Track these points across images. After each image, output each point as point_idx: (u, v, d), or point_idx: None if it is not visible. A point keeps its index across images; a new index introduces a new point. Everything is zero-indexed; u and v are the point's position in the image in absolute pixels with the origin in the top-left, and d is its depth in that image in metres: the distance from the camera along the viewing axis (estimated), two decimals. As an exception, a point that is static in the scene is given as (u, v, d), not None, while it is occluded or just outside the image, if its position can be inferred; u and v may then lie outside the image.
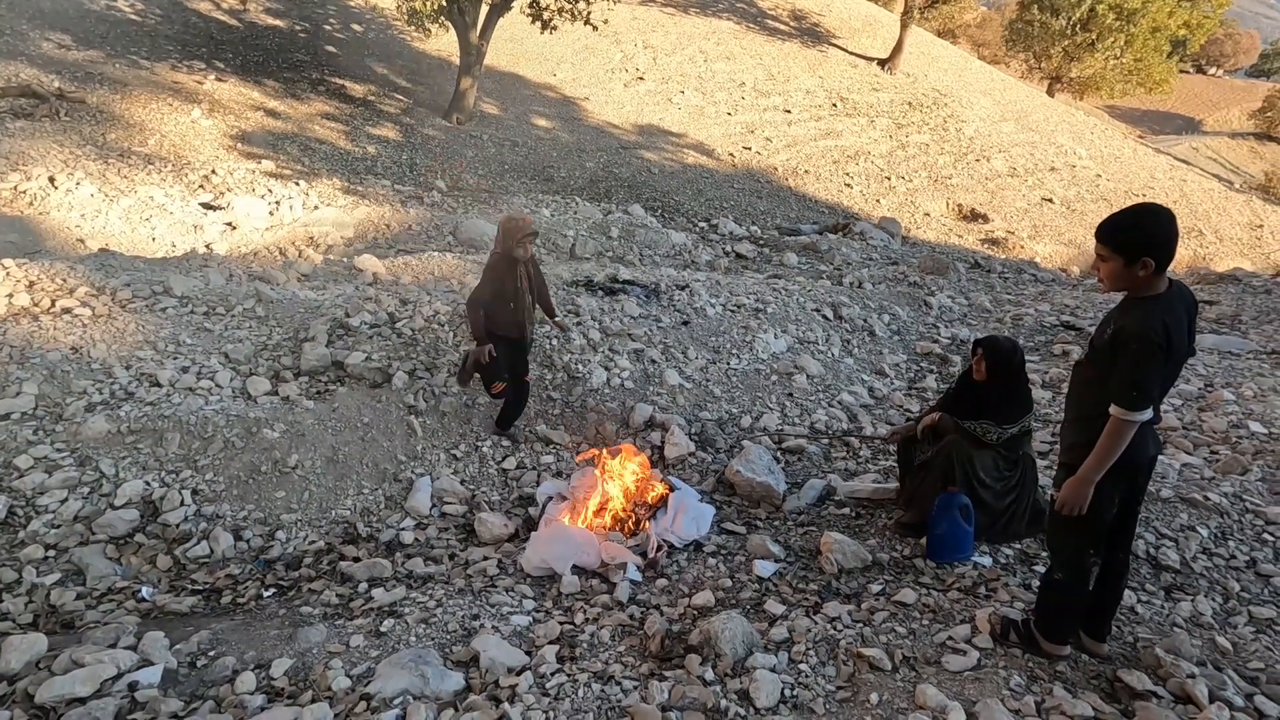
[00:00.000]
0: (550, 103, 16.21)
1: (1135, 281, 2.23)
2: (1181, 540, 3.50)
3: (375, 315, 5.20)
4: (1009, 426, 3.44)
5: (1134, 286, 2.25)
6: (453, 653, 2.72)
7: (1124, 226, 2.21)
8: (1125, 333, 2.21)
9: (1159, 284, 2.23)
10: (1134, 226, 2.20)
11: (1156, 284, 2.22)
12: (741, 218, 12.86)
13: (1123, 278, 2.23)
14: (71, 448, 3.64)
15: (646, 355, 5.47)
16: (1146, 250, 2.16)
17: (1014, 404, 3.47)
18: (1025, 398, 3.53)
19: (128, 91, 11.85)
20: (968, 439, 3.48)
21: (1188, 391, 5.40)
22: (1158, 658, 2.60)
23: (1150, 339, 2.15)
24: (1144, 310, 2.21)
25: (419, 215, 9.35)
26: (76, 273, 5.24)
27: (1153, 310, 2.19)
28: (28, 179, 8.65)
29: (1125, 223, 2.22)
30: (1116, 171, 19.03)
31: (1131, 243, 2.18)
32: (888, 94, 19.64)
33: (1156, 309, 2.19)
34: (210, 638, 2.73)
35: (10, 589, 3.04)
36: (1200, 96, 44.99)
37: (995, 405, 3.48)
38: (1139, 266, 2.18)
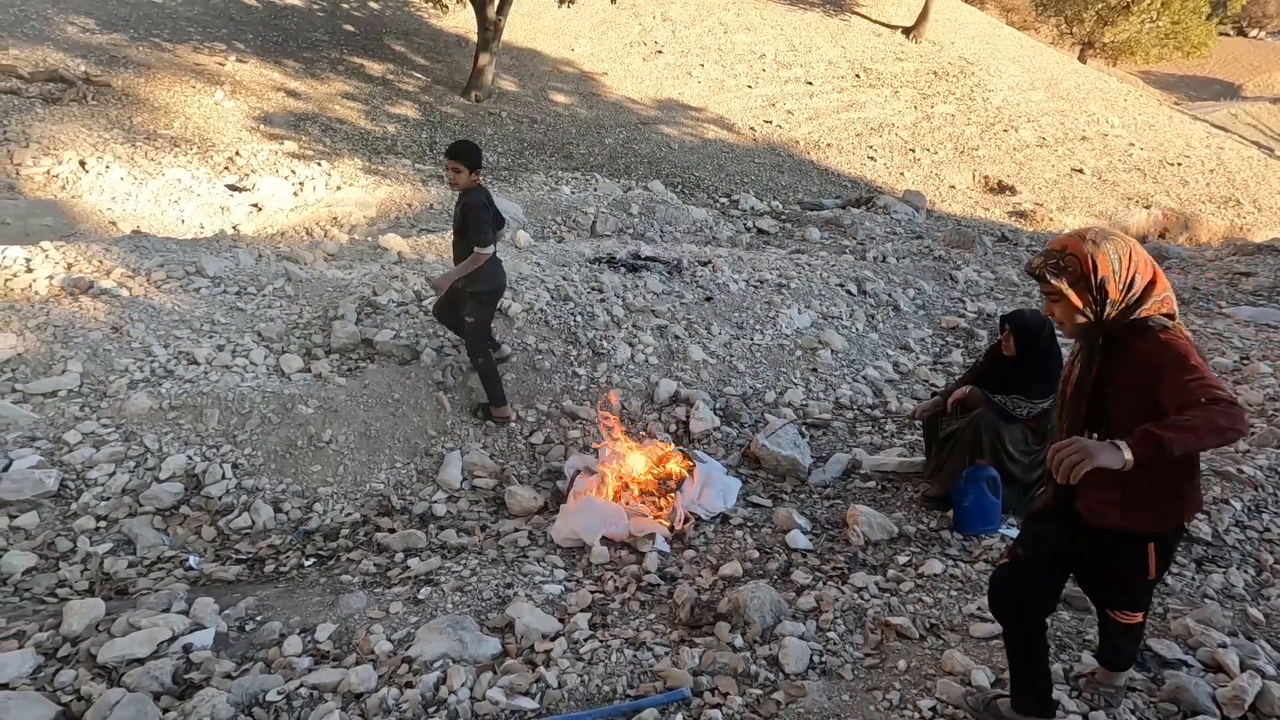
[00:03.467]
0: (568, 78, 16.09)
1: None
2: (1214, 513, 3.47)
3: (402, 293, 5.27)
4: (1039, 401, 3.43)
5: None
6: (488, 619, 2.80)
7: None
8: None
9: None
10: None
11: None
12: (763, 193, 12.72)
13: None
14: (116, 423, 3.77)
15: (670, 331, 5.49)
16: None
17: (1043, 378, 3.45)
18: (1055, 371, 3.50)
19: (152, 74, 11.96)
20: (996, 412, 3.47)
21: (1223, 365, 5.30)
22: (1188, 627, 2.60)
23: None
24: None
25: (440, 194, 9.39)
26: (112, 254, 5.36)
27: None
28: (59, 163, 8.81)
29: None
30: (1150, 140, 18.50)
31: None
32: (912, 63, 19.20)
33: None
34: (256, 603, 2.84)
35: (66, 557, 3.17)
36: (1240, 60, 43.34)
37: (1024, 380, 3.47)
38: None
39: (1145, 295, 1.71)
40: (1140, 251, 1.73)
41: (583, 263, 6.38)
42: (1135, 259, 1.71)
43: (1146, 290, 1.71)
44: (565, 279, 5.75)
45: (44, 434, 3.65)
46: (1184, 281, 7.82)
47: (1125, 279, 1.70)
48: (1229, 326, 6.17)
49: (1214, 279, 7.97)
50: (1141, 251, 1.73)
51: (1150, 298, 1.71)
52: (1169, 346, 1.66)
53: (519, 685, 2.39)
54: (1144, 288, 1.71)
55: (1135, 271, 1.70)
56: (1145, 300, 1.72)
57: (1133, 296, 1.71)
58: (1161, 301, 1.72)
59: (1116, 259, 1.69)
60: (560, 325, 5.19)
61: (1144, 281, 1.71)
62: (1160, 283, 1.72)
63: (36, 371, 3.95)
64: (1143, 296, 1.71)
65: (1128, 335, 1.73)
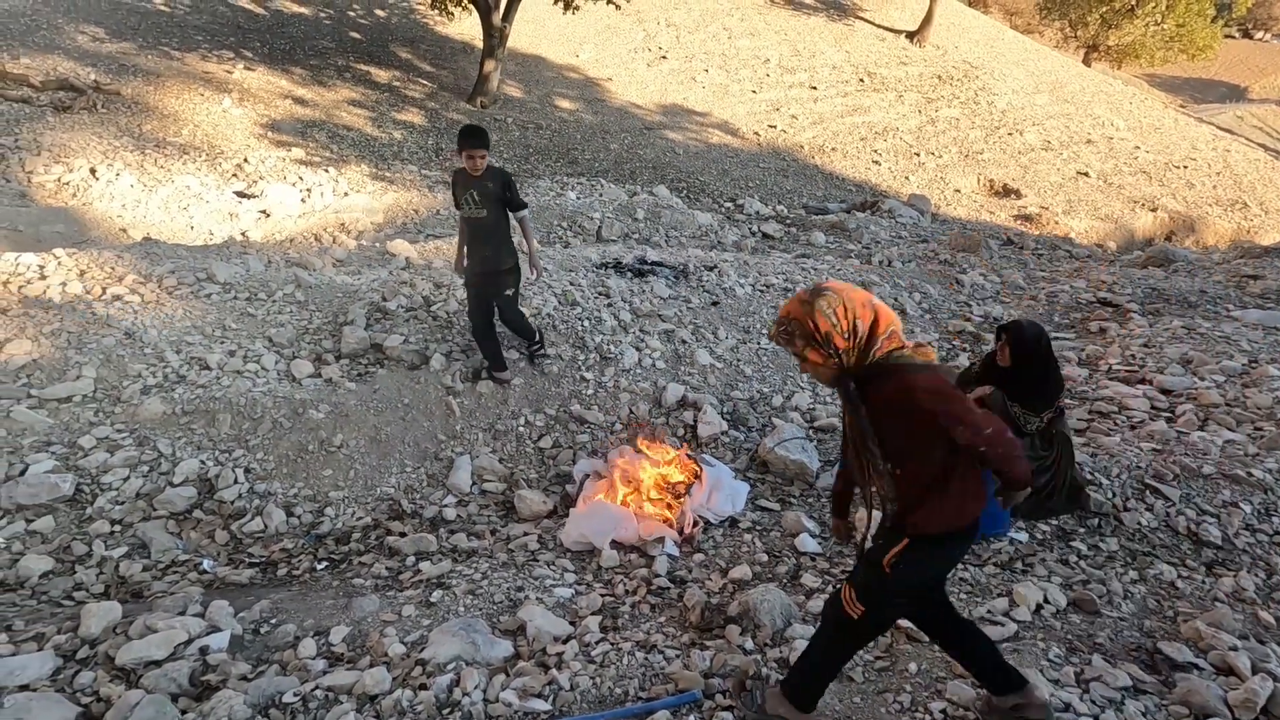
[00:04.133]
0: (573, 84, 16.16)
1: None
2: (1224, 516, 3.47)
3: (410, 299, 5.30)
4: (1045, 412, 3.41)
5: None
6: (500, 622, 2.82)
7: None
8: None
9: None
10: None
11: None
12: (768, 197, 12.76)
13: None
14: (130, 428, 3.80)
15: (677, 336, 5.51)
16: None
17: (1040, 390, 3.41)
18: (1055, 381, 3.48)
19: (160, 82, 12.07)
20: (1008, 421, 3.46)
21: (1231, 368, 5.29)
22: (1198, 630, 2.61)
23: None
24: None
25: (446, 199, 9.44)
26: (124, 261, 5.41)
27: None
28: (70, 170, 8.90)
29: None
30: (1156, 143, 18.48)
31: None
32: (916, 67, 19.24)
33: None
34: (270, 607, 2.86)
35: (82, 561, 3.21)
36: (1246, 62, 43.25)
37: (1024, 392, 3.43)
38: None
39: (873, 335, 1.81)
40: (855, 297, 1.82)
41: (589, 268, 6.41)
42: (851, 306, 1.80)
43: (872, 331, 1.81)
44: (572, 284, 5.78)
45: (59, 439, 3.69)
46: (1191, 284, 7.81)
47: (847, 328, 1.80)
48: (1237, 330, 6.16)
49: (1221, 282, 7.95)
50: (857, 296, 1.82)
51: (878, 336, 1.81)
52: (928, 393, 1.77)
53: (531, 687, 2.41)
54: (868, 330, 1.80)
55: (855, 318, 1.80)
56: (875, 340, 1.81)
57: (861, 341, 1.80)
58: (889, 337, 1.82)
59: (832, 312, 1.79)
60: (568, 330, 5.21)
61: (865, 325, 1.80)
62: (883, 320, 1.82)
63: (51, 377, 3.99)
64: (871, 337, 1.81)
65: (876, 378, 1.83)
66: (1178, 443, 4.16)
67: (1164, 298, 7.37)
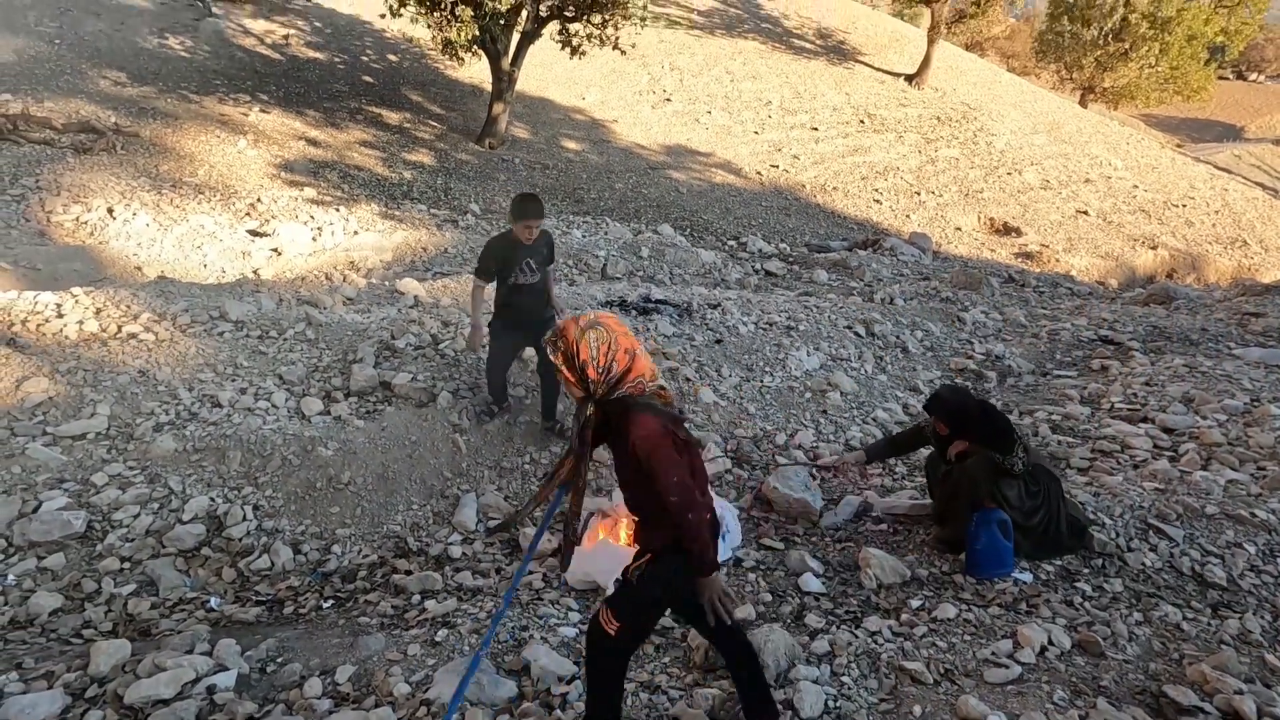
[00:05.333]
0: (579, 125, 16.54)
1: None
2: (1228, 557, 3.47)
3: (419, 337, 5.39)
4: (1019, 449, 3.44)
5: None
6: (505, 662, 2.83)
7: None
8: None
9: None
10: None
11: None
12: (770, 235, 12.94)
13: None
14: (142, 465, 3.86)
15: (681, 373, 5.57)
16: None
17: (998, 432, 3.46)
18: (1002, 420, 3.52)
19: (178, 124, 12.41)
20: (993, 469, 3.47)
21: (1233, 406, 5.32)
22: (1204, 673, 2.60)
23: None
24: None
25: (454, 238, 9.63)
26: (139, 299, 5.53)
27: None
28: (88, 210, 9.13)
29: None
30: (1154, 182, 18.73)
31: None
32: (916, 109, 19.63)
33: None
34: (277, 645, 2.88)
35: (91, 598, 3.24)
36: (1241, 103, 44.00)
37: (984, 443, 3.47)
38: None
39: (623, 379, 2.00)
40: (621, 342, 2.00)
41: (595, 306, 6.52)
42: (615, 349, 1.99)
43: (624, 375, 1.99)
44: (578, 322, 5.87)
45: (72, 476, 3.75)
46: (1192, 322, 7.86)
47: (604, 365, 1.98)
48: (1239, 368, 6.19)
49: (1223, 320, 8.00)
50: (623, 342, 2.00)
51: (627, 381, 2.00)
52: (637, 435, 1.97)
53: (536, 729, 2.41)
54: (621, 373, 1.99)
55: (613, 359, 1.98)
56: (624, 383, 2.00)
57: (612, 379, 1.99)
58: (635, 385, 2.01)
59: (597, 347, 1.98)
60: (573, 368, 5.28)
61: (619, 369, 1.99)
62: (636, 369, 2.00)
63: (66, 414, 4.06)
64: (621, 381, 1.99)
65: (615, 410, 2.02)
66: (1180, 482, 4.17)
67: (1165, 335, 7.42)
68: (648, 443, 1.96)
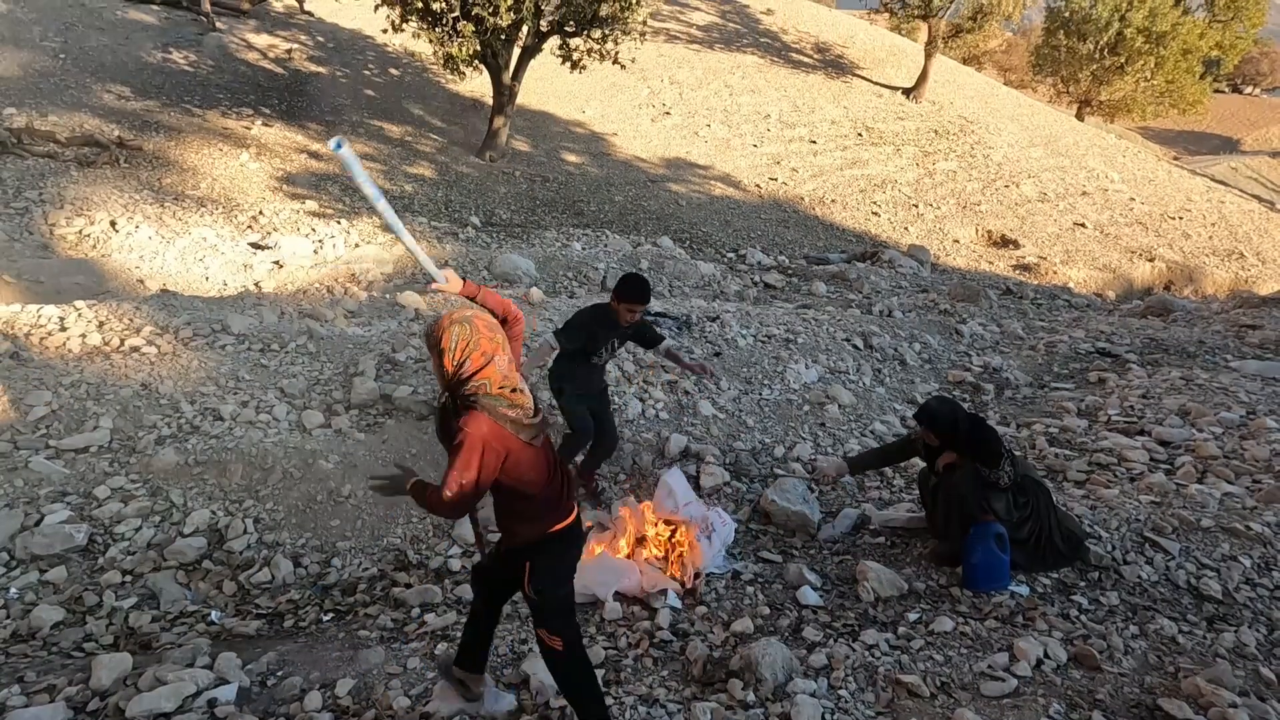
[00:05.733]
0: (579, 139, 16.66)
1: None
2: (1224, 570, 3.49)
3: (420, 350, 5.43)
4: (1005, 462, 3.48)
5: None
6: (504, 675, 2.84)
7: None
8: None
9: None
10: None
11: None
12: (769, 248, 13.01)
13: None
14: (144, 478, 3.88)
15: (680, 386, 5.60)
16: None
17: (984, 444, 3.49)
18: (990, 432, 3.56)
19: (182, 138, 12.51)
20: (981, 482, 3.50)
21: (1229, 419, 5.35)
22: (1198, 687, 2.62)
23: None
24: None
25: (455, 251, 9.69)
26: (142, 312, 5.57)
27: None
28: (91, 223, 9.19)
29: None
30: (1151, 194, 18.83)
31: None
32: (913, 122, 19.77)
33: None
34: (277, 658, 2.89)
35: (92, 612, 3.25)
36: (1237, 115, 44.28)
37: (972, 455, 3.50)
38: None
39: (471, 378, 2.10)
40: (482, 345, 2.11)
41: (594, 319, 6.55)
42: (472, 347, 2.09)
43: (474, 374, 2.10)
44: (578, 335, 5.90)
45: (75, 489, 3.77)
46: (1190, 335, 7.91)
47: (458, 359, 2.09)
48: (1235, 380, 6.23)
49: (1220, 332, 8.04)
50: (484, 345, 2.11)
51: (473, 381, 2.11)
52: (464, 430, 2.08)
53: (535, 742, 2.42)
54: (472, 372, 2.10)
55: (468, 357, 2.09)
56: (470, 382, 2.11)
57: (462, 374, 2.10)
58: (479, 386, 2.11)
59: (457, 341, 2.09)
60: (573, 381, 5.31)
61: (472, 368, 2.10)
62: (485, 373, 2.11)
63: (69, 428, 4.09)
64: (470, 378, 2.10)
65: (461, 401, 2.15)
66: (1176, 495, 4.19)
67: (1162, 348, 7.46)
68: (464, 438, 2.06)
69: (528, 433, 2.18)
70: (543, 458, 2.25)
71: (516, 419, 2.15)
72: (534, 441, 2.21)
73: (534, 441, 2.21)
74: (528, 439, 2.18)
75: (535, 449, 2.22)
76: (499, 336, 2.16)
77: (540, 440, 2.24)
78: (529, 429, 2.18)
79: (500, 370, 2.13)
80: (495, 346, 2.13)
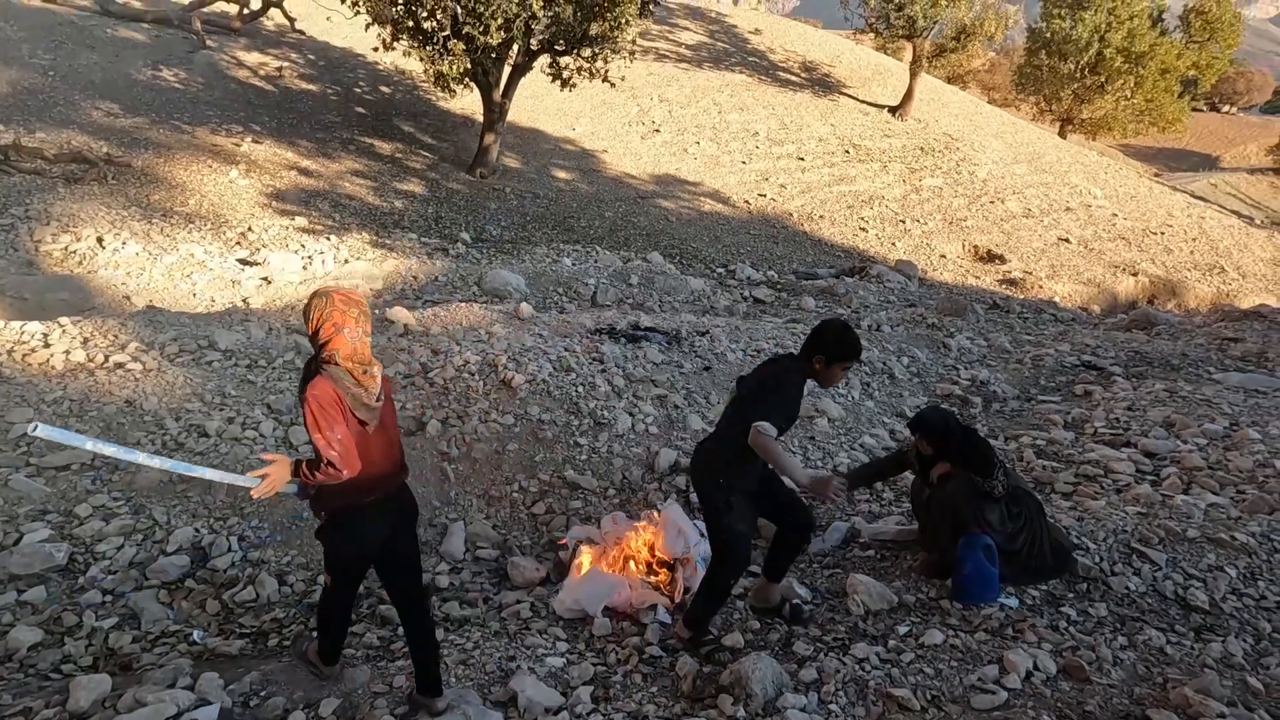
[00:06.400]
0: (570, 155, 16.76)
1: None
2: (1210, 580, 3.50)
3: (409, 365, 5.41)
4: (999, 471, 3.50)
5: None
6: (491, 693, 2.81)
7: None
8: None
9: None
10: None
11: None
12: (758, 263, 13.09)
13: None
14: (127, 496, 3.84)
15: (670, 401, 5.60)
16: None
17: (977, 453, 3.52)
18: (982, 442, 3.59)
19: (170, 155, 12.49)
20: (975, 492, 3.52)
21: (1213, 431, 5.40)
22: (1187, 697, 2.62)
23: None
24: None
25: (445, 266, 9.68)
26: (127, 329, 5.53)
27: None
28: (77, 239, 9.13)
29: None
30: (1133, 210, 19.12)
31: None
32: (899, 140, 20.04)
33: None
34: (260, 678, 2.85)
35: (71, 632, 3.19)
36: (1216, 133, 45.17)
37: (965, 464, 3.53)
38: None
39: (323, 346, 2.36)
40: (336, 317, 2.34)
41: (584, 333, 6.56)
42: (324, 319, 2.35)
43: (325, 343, 2.36)
44: (567, 350, 5.90)
45: (55, 507, 3.72)
46: (1173, 348, 7.99)
47: (313, 327, 2.36)
48: (1218, 393, 6.30)
49: (1203, 345, 8.14)
50: (338, 318, 2.34)
51: (326, 349, 2.36)
52: (308, 393, 2.34)
53: (522, 761, 2.39)
54: (323, 341, 2.36)
55: (320, 327, 2.35)
56: (324, 349, 2.37)
57: (316, 341, 2.37)
58: (330, 354, 2.36)
59: (314, 310, 2.36)
60: (562, 395, 5.31)
61: (324, 337, 2.35)
62: (333, 344, 2.35)
63: (51, 445, 4.03)
64: (321, 346, 2.37)
65: (316, 366, 2.39)
66: (1162, 506, 4.22)
67: (1147, 361, 7.54)
68: (311, 401, 2.31)
69: (364, 412, 2.39)
70: (371, 443, 2.45)
71: (357, 395, 2.36)
72: (366, 423, 2.41)
73: (366, 423, 2.41)
74: (363, 417, 2.39)
75: (365, 432, 2.43)
76: (354, 311, 2.37)
77: (372, 428, 2.44)
78: (366, 409, 2.40)
79: (350, 343, 2.35)
80: (347, 319, 2.34)
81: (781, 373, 3.00)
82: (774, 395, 2.90)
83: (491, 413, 5.00)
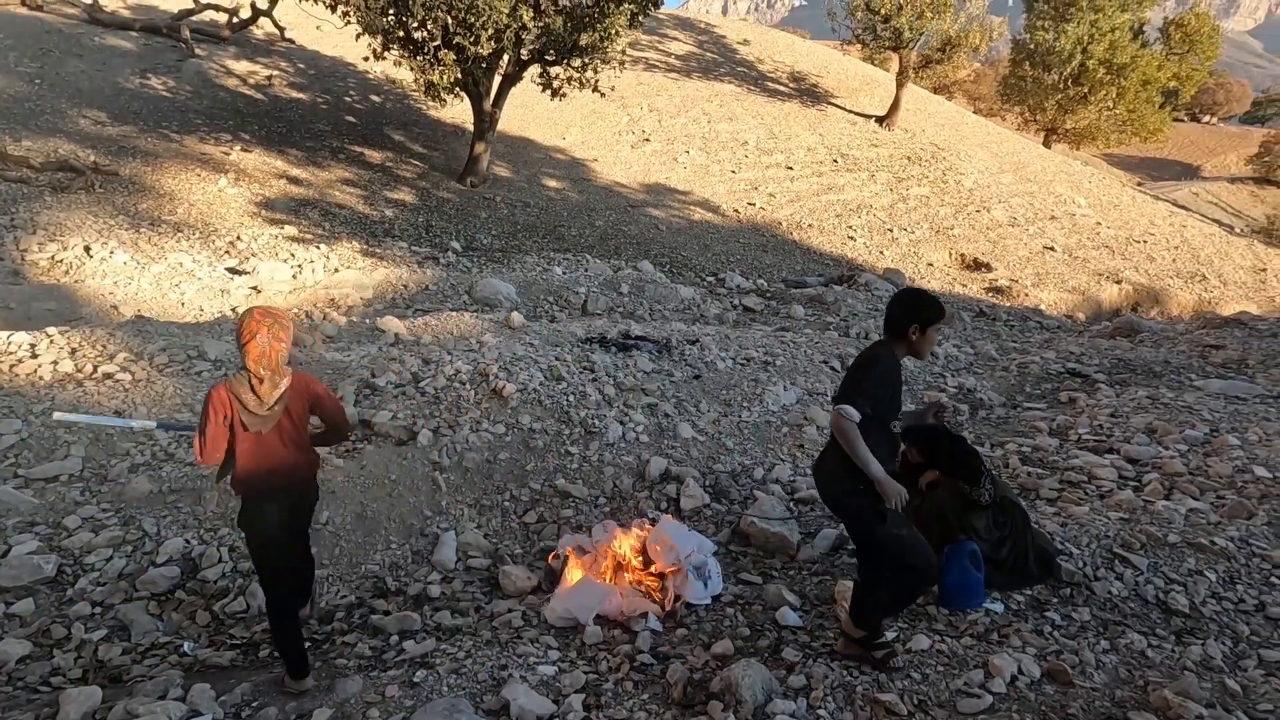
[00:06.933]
0: (560, 164, 16.83)
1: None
2: (1190, 585, 3.57)
3: (400, 375, 5.42)
4: (985, 479, 3.56)
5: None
6: (483, 702, 2.82)
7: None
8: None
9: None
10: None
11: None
12: (748, 271, 13.18)
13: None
14: (116, 507, 3.82)
15: (660, 409, 5.64)
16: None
17: (963, 459, 3.58)
18: (969, 449, 3.65)
19: (159, 163, 12.45)
20: (958, 499, 3.57)
21: (1194, 437, 5.49)
22: (1167, 699, 2.67)
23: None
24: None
25: (435, 275, 9.69)
26: (115, 339, 5.51)
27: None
28: (64, 249, 9.08)
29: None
30: (1116, 219, 19.39)
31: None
32: (887, 149, 20.24)
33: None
34: (252, 689, 2.85)
35: (60, 645, 3.18)
36: (1197, 143, 45.91)
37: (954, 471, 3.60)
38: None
39: (243, 354, 2.70)
40: (251, 326, 2.67)
41: (575, 342, 6.59)
42: (242, 330, 2.69)
43: (241, 350, 2.70)
44: (558, 359, 5.93)
45: (44, 519, 3.70)
46: (1156, 355, 8.12)
47: (243, 342, 2.70)
48: (1199, 399, 6.40)
49: (1185, 352, 8.27)
50: (255, 327, 2.67)
51: (244, 356, 2.70)
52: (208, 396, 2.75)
53: (514, 769, 2.41)
54: (241, 348, 2.70)
55: (245, 342, 2.68)
56: (243, 357, 2.71)
57: (239, 348, 2.72)
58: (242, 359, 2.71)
59: (243, 327, 2.70)
60: (553, 404, 5.33)
61: (241, 345, 2.70)
62: (244, 349, 2.68)
63: (40, 456, 4.02)
64: (241, 353, 2.71)
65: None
66: (1144, 512, 4.29)
67: (1130, 368, 7.66)
68: (206, 401, 2.71)
69: (250, 418, 2.70)
70: (259, 447, 2.75)
71: (245, 400, 2.68)
72: (255, 429, 2.72)
73: (255, 429, 2.72)
74: (249, 423, 2.70)
75: (251, 435, 2.74)
76: (269, 321, 2.68)
77: (263, 433, 2.74)
78: (254, 417, 2.71)
79: (255, 351, 2.66)
80: (260, 328, 2.66)
81: (869, 354, 2.87)
82: (861, 376, 2.78)
83: (483, 422, 5.02)
